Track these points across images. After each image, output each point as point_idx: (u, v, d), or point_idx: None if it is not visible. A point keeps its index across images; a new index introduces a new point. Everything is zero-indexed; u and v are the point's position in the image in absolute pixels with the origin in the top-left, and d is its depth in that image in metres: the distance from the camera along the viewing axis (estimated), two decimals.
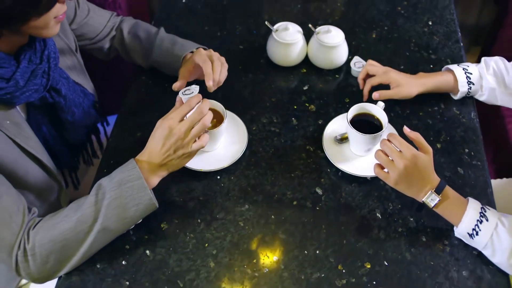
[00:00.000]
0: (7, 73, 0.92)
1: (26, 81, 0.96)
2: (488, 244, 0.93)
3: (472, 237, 0.94)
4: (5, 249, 0.92)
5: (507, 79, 1.18)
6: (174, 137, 0.96)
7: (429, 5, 1.52)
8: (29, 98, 0.99)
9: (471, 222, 0.94)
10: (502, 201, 1.16)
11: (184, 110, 0.97)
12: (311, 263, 0.97)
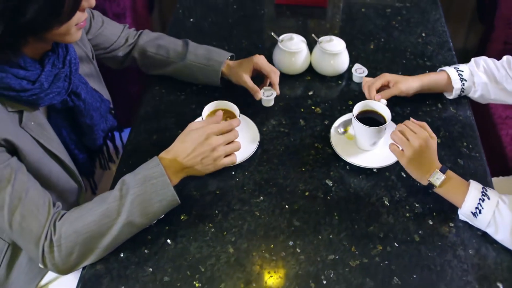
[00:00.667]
0: (32, 76, 0.99)
1: (50, 84, 1.02)
2: (491, 222, 0.99)
3: (476, 215, 1.00)
4: (33, 240, 0.96)
5: (498, 75, 1.26)
6: (208, 147, 1.03)
7: (422, 19, 1.62)
8: (52, 100, 1.05)
9: (474, 201, 1.00)
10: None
11: (226, 127, 1.06)
12: (325, 246, 1.02)
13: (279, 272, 0.98)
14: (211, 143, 1.03)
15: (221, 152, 1.04)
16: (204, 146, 1.03)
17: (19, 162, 0.99)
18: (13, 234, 0.97)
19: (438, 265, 1.00)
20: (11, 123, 0.98)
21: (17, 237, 0.97)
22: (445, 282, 0.97)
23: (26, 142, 1.01)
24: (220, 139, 1.04)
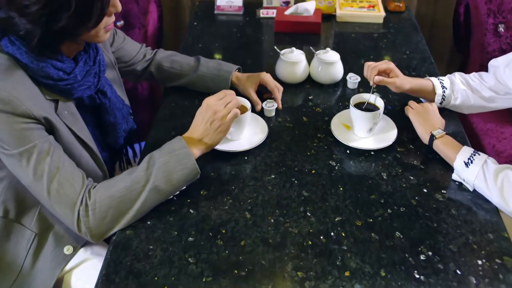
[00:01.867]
0: (68, 68, 1.14)
1: (83, 77, 1.17)
2: (479, 173, 1.13)
3: (468, 165, 1.15)
4: (69, 205, 1.07)
5: (473, 84, 1.44)
6: (210, 111, 1.18)
7: (405, 40, 1.82)
8: (83, 93, 1.19)
9: (466, 154, 1.17)
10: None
11: (220, 94, 1.21)
12: (333, 210, 1.14)
13: (293, 231, 1.09)
14: (211, 108, 1.17)
15: (224, 111, 1.18)
16: (207, 113, 1.18)
17: (56, 141, 1.11)
18: (50, 200, 1.07)
19: (435, 222, 1.11)
20: (49, 109, 1.12)
21: (54, 203, 1.08)
22: (442, 235, 1.08)
23: (60, 127, 1.14)
24: (218, 102, 1.18)
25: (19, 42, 1.07)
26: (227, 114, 1.19)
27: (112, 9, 1.10)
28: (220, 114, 1.19)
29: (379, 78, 1.36)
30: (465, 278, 0.99)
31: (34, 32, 1.03)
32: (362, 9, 1.95)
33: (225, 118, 1.19)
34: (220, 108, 1.19)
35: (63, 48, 1.13)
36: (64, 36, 1.07)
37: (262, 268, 1.01)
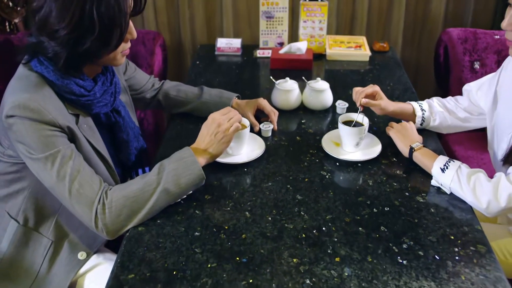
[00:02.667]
0: (88, 87, 1.30)
1: (101, 95, 1.33)
2: (454, 177, 1.27)
3: (444, 171, 1.29)
4: (88, 203, 1.20)
5: (449, 106, 1.61)
6: (215, 125, 1.33)
7: (389, 75, 2.01)
8: (101, 109, 1.35)
9: (442, 161, 1.31)
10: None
11: (224, 110, 1.36)
12: (324, 210, 1.27)
13: (289, 226, 1.21)
14: (216, 122, 1.33)
15: (227, 125, 1.33)
16: (212, 126, 1.33)
17: (76, 150, 1.25)
18: (71, 200, 1.20)
19: (416, 218, 1.24)
20: (71, 121, 1.27)
21: (74, 202, 1.20)
22: (422, 228, 1.21)
23: (80, 138, 1.28)
24: (222, 117, 1.34)
25: (47, 62, 1.23)
26: (229, 127, 1.34)
27: (128, 36, 1.27)
28: (223, 127, 1.34)
29: (366, 100, 1.53)
30: (443, 262, 1.11)
31: (61, 54, 1.20)
32: (349, 48, 2.15)
33: (228, 130, 1.34)
34: (224, 122, 1.34)
35: (85, 69, 1.29)
36: (87, 58, 1.23)
37: (261, 256, 1.13)
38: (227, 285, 1.05)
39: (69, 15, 1.13)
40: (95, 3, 1.13)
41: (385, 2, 2.63)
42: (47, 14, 1.16)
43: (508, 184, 1.23)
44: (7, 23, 2.44)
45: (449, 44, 2.24)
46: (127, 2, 1.19)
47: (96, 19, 1.14)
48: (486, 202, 1.24)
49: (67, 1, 1.13)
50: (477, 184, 1.26)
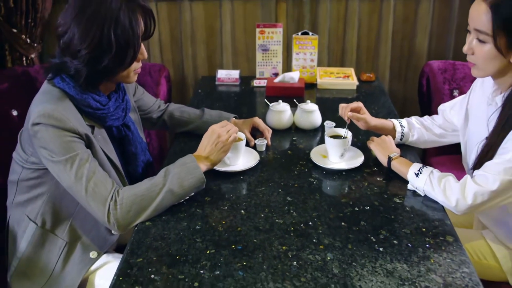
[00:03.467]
0: (103, 102, 1.48)
1: (114, 110, 1.52)
2: (427, 180, 1.43)
3: (418, 175, 1.45)
4: (102, 200, 1.36)
5: (426, 123, 1.79)
6: (215, 136, 1.50)
7: (374, 101, 2.19)
8: (113, 123, 1.53)
9: (417, 167, 1.47)
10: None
11: (223, 123, 1.54)
12: (311, 208, 1.43)
13: (279, 221, 1.37)
14: (216, 133, 1.50)
15: (226, 136, 1.50)
16: (212, 137, 1.50)
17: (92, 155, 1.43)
18: (87, 197, 1.36)
19: (392, 215, 1.40)
20: (88, 130, 1.44)
21: (90, 200, 1.36)
22: (398, 223, 1.36)
23: (96, 146, 1.45)
24: (222, 129, 1.51)
25: (68, 79, 1.42)
26: (228, 138, 1.52)
27: (140, 56, 1.47)
28: (222, 138, 1.51)
29: (352, 113, 1.71)
30: (415, 249, 1.26)
31: (82, 71, 1.39)
32: (338, 78, 2.35)
33: (227, 141, 1.51)
34: (223, 133, 1.52)
35: (101, 87, 1.48)
36: (105, 74, 1.42)
37: (254, 244, 1.28)
38: (224, 267, 1.20)
39: (90, 37, 1.33)
40: (113, 27, 1.33)
41: (372, 39, 2.86)
42: (71, 38, 1.36)
43: (474, 184, 1.39)
44: (24, 58, 2.65)
45: (430, 74, 2.45)
46: (139, 26, 1.39)
47: (113, 40, 1.33)
48: (455, 200, 1.40)
49: (89, 26, 1.33)
50: (447, 185, 1.42)
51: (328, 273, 1.18)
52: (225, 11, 2.77)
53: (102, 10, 1.32)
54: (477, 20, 1.38)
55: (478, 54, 1.42)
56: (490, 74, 1.46)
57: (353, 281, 1.15)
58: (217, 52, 2.89)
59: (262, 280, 1.16)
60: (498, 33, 1.34)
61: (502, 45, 1.36)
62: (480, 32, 1.38)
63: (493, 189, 1.36)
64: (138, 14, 1.38)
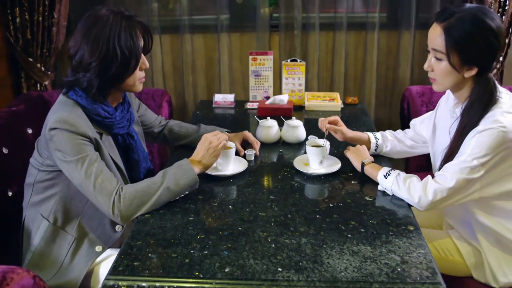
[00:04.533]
0: (111, 111, 1.70)
1: (120, 119, 1.74)
2: (394, 181, 1.63)
3: (386, 177, 1.65)
4: (107, 195, 1.55)
5: (398, 136, 2.00)
6: (207, 143, 1.71)
7: (357, 120, 2.41)
8: (119, 131, 1.75)
9: (385, 170, 1.68)
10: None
11: (214, 132, 1.76)
12: (291, 205, 1.62)
13: (262, 214, 1.56)
14: (208, 140, 1.71)
15: (216, 142, 1.70)
16: (205, 144, 1.71)
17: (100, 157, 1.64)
18: (95, 192, 1.56)
19: (363, 209, 1.59)
20: (97, 136, 1.66)
21: (97, 194, 1.56)
22: (367, 215, 1.55)
23: (103, 150, 1.66)
24: (213, 137, 1.72)
25: (81, 92, 1.64)
26: (218, 144, 1.73)
27: (142, 65, 1.70)
28: (214, 144, 1.72)
29: (329, 125, 1.92)
30: (379, 235, 1.45)
31: (94, 82, 1.61)
32: (324, 101, 2.57)
33: (217, 147, 1.72)
34: (214, 140, 1.73)
35: (109, 98, 1.71)
36: (113, 81, 1.65)
37: (239, 231, 1.47)
38: (212, 248, 1.39)
39: (98, 51, 1.56)
40: (116, 40, 1.56)
41: (359, 69, 3.11)
42: (82, 55, 1.59)
43: (434, 183, 1.58)
44: (38, 85, 2.90)
45: (410, 98, 2.67)
46: (139, 38, 1.64)
47: (118, 51, 1.57)
48: (418, 197, 1.59)
49: (96, 43, 1.57)
50: (411, 184, 1.62)
51: (301, 253, 1.36)
52: (223, 43, 3.03)
53: (106, 29, 1.57)
54: (434, 41, 1.61)
55: (437, 71, 1.64)
56: (448, 88, 1.68)
57: (323, 259, 1.33)
58: (216, 80, 3.14)
59: (244, 258, 1.34)
60: (451, 51, 1.57)
61: (455, 62, 1.58)
62: (437, 51, 1.61)
63: (450, 186, 1.55)
64: (137, 29, 1.63)
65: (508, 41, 2.95)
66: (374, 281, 1.25)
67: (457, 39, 1.55)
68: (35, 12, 2.72)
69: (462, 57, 1.57)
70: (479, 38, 1.55)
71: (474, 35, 1.55)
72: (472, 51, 1.56)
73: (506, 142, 1.52)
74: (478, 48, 1.56)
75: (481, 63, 1.59)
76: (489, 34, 1.55)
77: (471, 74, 1.60)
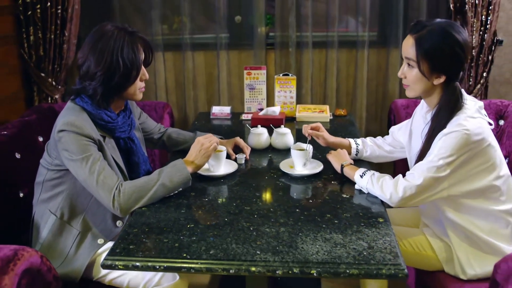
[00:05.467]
0: (113, 117, 1.89)
1: (122, 124, 1.93)
2: (369, 180, 1.80)
3: (362, 177, 1.82)
4: (108, 190, 1.73)
5: (377, 142, 2.17)
6: (199, 145, 1.89)
7: (343, 129, 2.58)
8: (121, 134, 1.93)
9: (361, 170, 1.85)
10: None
11: (207, 135, 1.94)
12: (275, 200, 1.79)
13: (247, 208, 1.73)
14: (200, 142, 1.88)
15: (208, 144, 1.88)
16: (197, 146, 1.88)
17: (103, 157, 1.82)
18: (97, 187, 1.73)
19: (339, 205, 1.75)
20: (101, 138, 1.85)
21: (99, 189, 1.73)
22: (342, 210, 1.71)
23: (106, 151, 1.85)
24: (205, 140, 1.90)
25: (86, 99, 1.84)
26: (210, 146, 1.91)
27: (143, 76, 1.89)
28: (205, 146, 1.90)
29: (311, 131, 2.10)
30: (351, 226, 1.61)
31: (99, 90, 1.80)
32: (314, 113, 2.75)
33: (209, 148, 1.90)
34: (205, 142, 1.91)
35: (112, 105, 1.90)
36: (116, 90, 1.84)
37: (225, 222, 1.64)
38: (199, 235, 1.56)
39: (103, 62, 1.76)
40: (119, 51, 1.76)
41: (350, 85, 3.29)
42: (89, 65, 1.79)
43: (404, 180, 1.75)
44: (49, 98, 3.11)
45: (395, 111, 2.84)
46: (140, 52, 1.83)
47: (121, 62, 1.76)
48: (389, 194, 1.75)
49: (101, 54, 1.77)
50: (383, 182, 1.78)
51: (279, 239, 1.53)
52: (222, 60, 3.23)
53: (111, 42, 1.77)
54: (407, 50, 1.79)
55: (409, 77, 1.82)
56: (419, 94, 1.85)
57: (297, 244, 1.50)
58: (215, 95, 3.33)
59: (228, 243, 1.51)
60: (422, 59, 1.75)
61: (425, 69, 1.76)
62: (409, 59, 1.79)
63: (418, 184, 1.71)
64: (139, 44, 1.82)
65: (492, 58, 3.13)
66: (341, 263, 1.41)
67: (427, 48, 1.73)
68: (48, 31, 2.94)
69: (431, 65, 1.75)
70: (447, 48, 1.72)
71: (442, 45, 1.72)
72: (440, 60, 1.74)
73: (469, 144, 1.68)
74: (445, 58, 1.73)
75: (448, 72, 1.76)
76: (456, 45, 1.72)
77: (439, 81, 1.77)
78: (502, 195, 1.79)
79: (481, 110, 1.80)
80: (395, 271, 1.40)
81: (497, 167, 1.77)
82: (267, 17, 3.25)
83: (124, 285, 1.85)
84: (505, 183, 1.80)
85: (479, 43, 3.06)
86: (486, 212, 1.80)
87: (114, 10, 3.23)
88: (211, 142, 1.91)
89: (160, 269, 1.44)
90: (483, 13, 3.01)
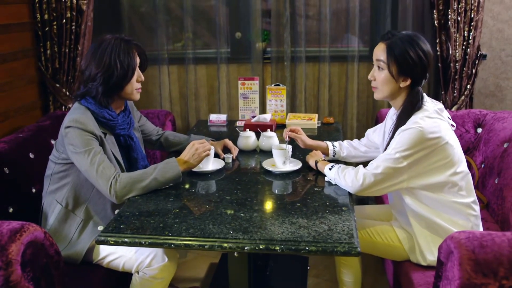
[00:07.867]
0: (114, 115, 2.14)
1: (122, 122, 2.18)
2: (336, 172, 2.01)
3: (330, 169, 2.03)
4: (107, 179, 1.96)
5: (353, 144, 2.39)
6: (193, 149, 2.12)
7: (329, 135, 2.80)
8: (121, 131, 2.18)
9: (330, 165, 2.07)
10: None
11: (201, 141, 2.18)
12: (253, 192, 2.01)
13: (227, 197, 1.95)
14: (194, 147, 2.11)
15: (201, 150, 2.10)
16: (192, 149, 2.11)
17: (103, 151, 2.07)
18: (97, 176, 1.97)
19: (310, 196, 1.96)
20: (102, 135, 2.10)
21: (98, 178, 1.97)
22: (311, 200, 1.92)
23: (106, 147, 2.10)
24: (199, 145, 2.12)
25: (90, 99, 2.10)
26: (202, 152, 2.13)
27: (139, 78, 2.15)
28: (199, 151, 2.13)
29: (290, 133, 2.33)
30: (317, 212, 1.82)
31: (100, 90, 2.06)
32: (303, 120, 2.98)
33: (201, 154, 2.13)
34: (200, 148, 2.13)
35: (113, 105, 2.15)
36: (115, 88, 2.09)
37: (206, 208, 1.86)
38: (182, 217, 1.78)
39: (102, 64, 2.03)
40: (116, 55, 2.03)
41: (342, 96, 3.51)
42: (91, 68, 2.05)
43: (363, 169, 1.96)
44: (63, 107, 3.39)
45: (380, 119, 3.04)
46: (135, 55, 2.10)
47: (118, 63, 2.03)
48: (351, 182, 1.95)
49: (101, 58, 2.03)
50: (347, 172, 1.99)
51: (251, 222, 1.75)
52: (222, 73, 3.49)
53: (109, 48, 2.03)
54: (378, 54, 2.01)
55: (378, 79, 2.04)
56: (386, 95, 2.06)
57: (266, 226, 1.71)
58: (216, 105, 3.58)
59: (206, 224, 1.73)
60: (391, 62, 1.97)
61: (394, 71, 1.97)
62: (380, 61, 2.01)
63: (376, 172, 1.92)
64: (134, 49, 2.09)
65: (475, 71, 3.32)
66: (302, 241, 1.62)
67: (396, 52, 1.95)
68: (63, 45, 3.23)
69: (399, 68, 1.97)
70: (413, 54, 1.94)
71: (410, 51, 1.94)
72: (407, 64, 1.95)
73: (424, 141, 1.88)
74: (411, 62, 1.95)
75: (414, 76, 1.98)
76: (420, 52, 1.95)
77: (405, 84, 1.99)
78: (461, 190, 1.98)
79: (441, 112, 2.00)
80: (348, 249, 1.60)
81: (454, 164, 1.96)
82: (265, 33, 3.50)
83: (120, 267, 2.08)
84: (463, 179, 1.99)
85: (462, 57, 3.25)
86: (447, 205, 1.97)
87: (124, 27, 3.52)
88: (204, 148, 2.14)
89: (145, 244, 1.66)
90: (465, 29, 3.21)
